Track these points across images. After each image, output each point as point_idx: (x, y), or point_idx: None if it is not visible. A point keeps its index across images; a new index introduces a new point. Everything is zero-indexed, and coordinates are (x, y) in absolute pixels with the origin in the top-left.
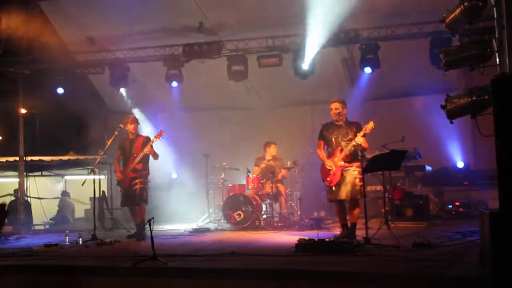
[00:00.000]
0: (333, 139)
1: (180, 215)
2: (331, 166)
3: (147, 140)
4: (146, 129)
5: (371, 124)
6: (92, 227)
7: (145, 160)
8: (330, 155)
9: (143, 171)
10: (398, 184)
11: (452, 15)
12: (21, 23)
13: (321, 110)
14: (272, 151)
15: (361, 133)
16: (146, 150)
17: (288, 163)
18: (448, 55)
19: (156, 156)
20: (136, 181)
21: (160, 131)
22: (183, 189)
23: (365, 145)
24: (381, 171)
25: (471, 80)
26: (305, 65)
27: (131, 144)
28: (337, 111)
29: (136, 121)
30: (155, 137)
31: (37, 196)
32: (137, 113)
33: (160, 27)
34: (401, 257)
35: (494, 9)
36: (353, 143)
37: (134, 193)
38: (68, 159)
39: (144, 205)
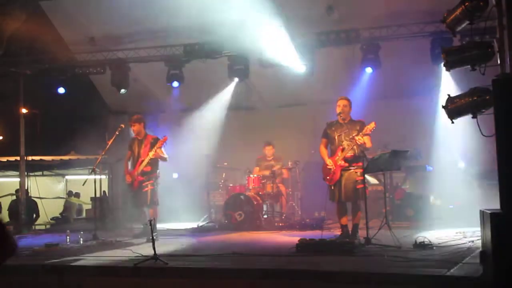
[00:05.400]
0: (336, 137)
1: (181, 215)
2: (331, 165)
3: (155, 141)
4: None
5: (372, 125)
6: (93, 227)
7: (154, 163)
8: (332, 153)
9: (152, 174)
10: (399, 184)
11: (453, 15)
12: (22, 23)
13: (322, 110)
14: (267, 152)
15: (362, 133)
16: (152, 154)
17: (289, 163)
18: (449, 55)
19: (164, 159)
20: (146, 183)
21: (164, 136)
22: (184, 189)
23: (368, 144)
24: (382, 171)
25: (472, 80)
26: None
27: (140, 145)
28: (345, 108)
29: (138, 121)
30: (158, 142)
31: (38, 196)
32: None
33: (161, 27)
34: (401, 257)
35: (495, 9)
36: (354, 142)
37: (145, 195)
38: (69, 159)
39: (157, 207)
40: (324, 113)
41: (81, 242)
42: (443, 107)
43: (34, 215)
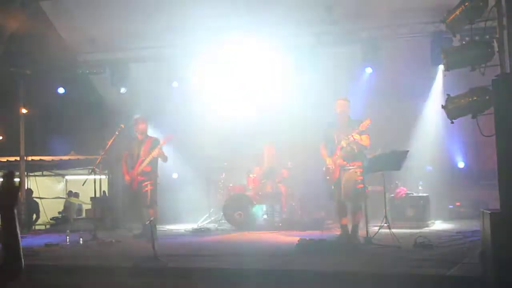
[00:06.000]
0: (336, 137)
1: (181, 215)
2: (331, 165)
3: (156, 142)
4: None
5: (367, 121)
6: (93, 227)
7: (153, 163)
8: (332, 153)
9: (152, 174)
10: (399, 184)
11: (453, 15)
12: (22, 23)
13: (321, 110)
14: (268, 151)
15: (358, 130)
16: (154, 153)
17: (289, 163)
18: (449, 55)
19: (165, 158)
20: (146, 183)
21: (170, 134)
22: (184, 189)
23: (365, 143)
24: (382, 171)
25: (472, 80)
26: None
27: (139, 146)
28: (343, 108)
29: (146, 122)
30: (163, 140)
31: (38, 196)
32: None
33: (161, 27)
34: (401, 257)
35: (495, 9)
36: (351, 139)
37: (145, 195)
38: (69, 159)
39: (157, 207)
40: (324, 113)
41: (81, 242)
42: (443, 107)
43: (34, 216)
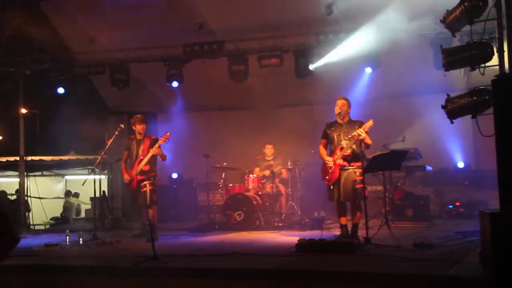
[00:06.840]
0: (335, 137)
1: (181, 215)
2: (330, 164)
3: (155, 141)
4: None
5: (370, 123)
6: (93, 227)
7: (152, 162)
8: (331, 153)
9: (151, 173)
10: (399, 184)
11: (453, 15)
12: (22, 23)
13: (321, 110)
14: (268, 151)
15: (360, 131)
16: (152, 151)
17: (289, 163)
18: (448, 55)
19: (164, 157)
20: (145, 182)
21: (167, 133)
22: (184, 189)
23: (368, 141)
24: (382, 171)
25: (472, 80)
26: (312, 66)
27: (138, 145)
28: (343, 108)
29: (144, 121)
30: (161, 139)
31: (38, 196)
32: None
33: (161, 27)
34: (401, 257)
35: (495, 9)
36: (355, 135)
37: (144, 195)
38: (69, 159)
39: (156, 207)
40: (324, 113)
41: (81, 242)
42: (442, 107)
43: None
